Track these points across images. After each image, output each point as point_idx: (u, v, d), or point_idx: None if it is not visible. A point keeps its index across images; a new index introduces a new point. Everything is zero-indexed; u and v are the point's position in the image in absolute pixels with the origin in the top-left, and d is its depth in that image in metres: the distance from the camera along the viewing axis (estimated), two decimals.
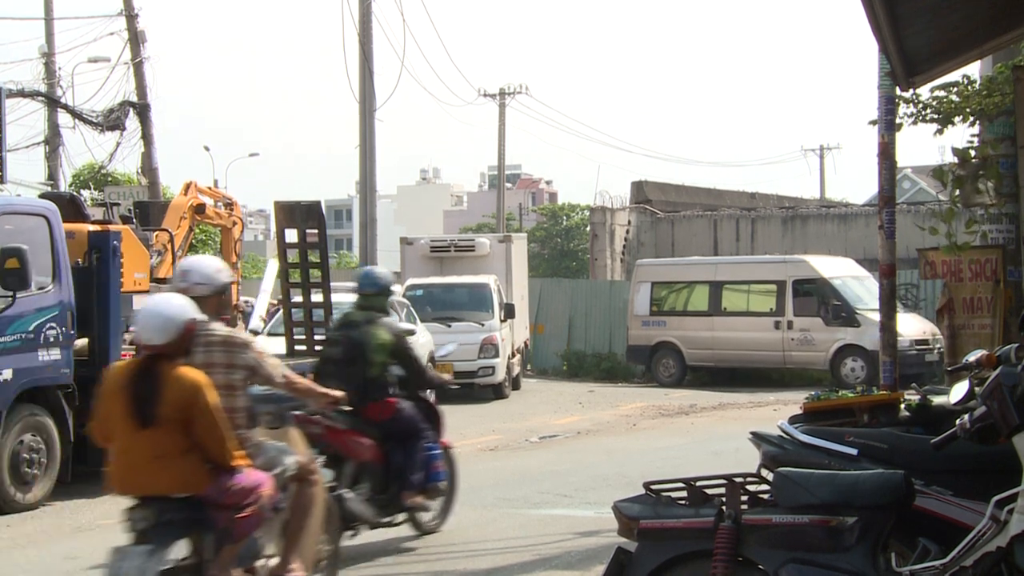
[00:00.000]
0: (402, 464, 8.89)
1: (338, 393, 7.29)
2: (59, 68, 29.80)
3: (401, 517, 9.17)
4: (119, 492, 6.15)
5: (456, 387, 10.29)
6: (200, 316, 6.15)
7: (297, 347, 16.24)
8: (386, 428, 8.81)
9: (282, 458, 6.62)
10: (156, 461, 5.87)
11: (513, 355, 23.75)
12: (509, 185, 72.14)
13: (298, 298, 16.40)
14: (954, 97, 12.07)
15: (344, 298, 20.09)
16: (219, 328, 6.46)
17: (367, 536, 9.02)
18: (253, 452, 6.38)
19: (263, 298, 20.05)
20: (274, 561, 6.62)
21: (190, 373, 5.95)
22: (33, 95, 26.92)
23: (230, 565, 6.16)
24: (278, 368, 6.66)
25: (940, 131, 12.31)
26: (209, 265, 6.69)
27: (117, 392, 5.98)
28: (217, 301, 6.52)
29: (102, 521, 10.72)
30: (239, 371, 6.40)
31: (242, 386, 6.43)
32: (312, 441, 7.74)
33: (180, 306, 6.03)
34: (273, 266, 21.40)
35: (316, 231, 15.90)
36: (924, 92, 11.97)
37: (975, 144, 11.90)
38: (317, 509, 6.90)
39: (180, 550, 6.05)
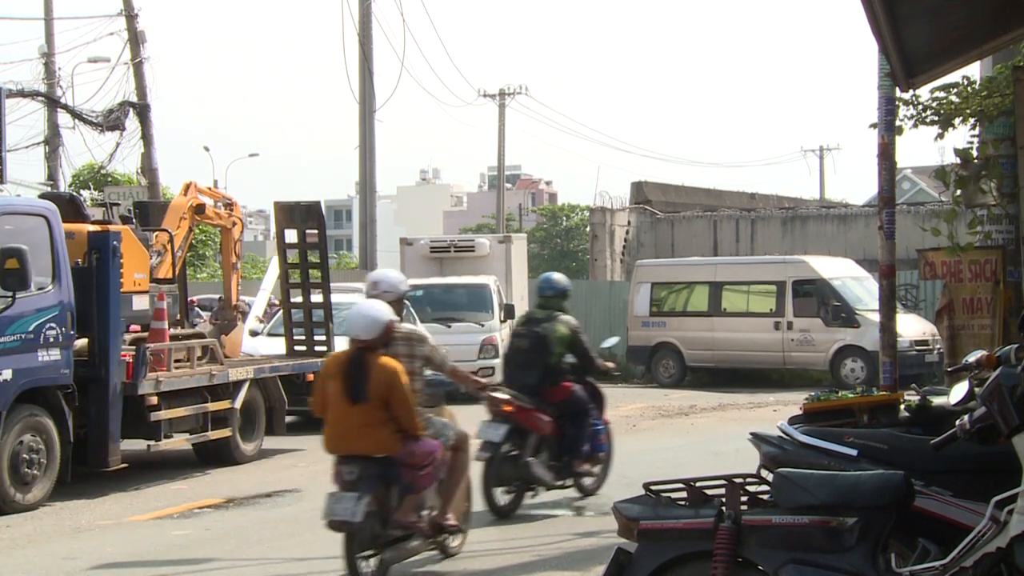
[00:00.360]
0: (574, 437, 10.65)
1: (483, 380, 9.92)
2: (59, 68, 29.82)
3: (570, 481, 10.84)
4: (331, 451, 7.88)
5: (618, 374, 12.02)
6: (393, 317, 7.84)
7: (297, 348, 16.23)
8: (561, 407, 10.53)
9: (446, 431, 8.30)
10: (362, 428, 7.61)
11: None
12: (509, 186, 72.16)
13: (298, 299, 16.38)
14: (954, 98, 12.04)
15: (344, 299, 20.16)
16: (402, 326, 8.21)
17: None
18: (426, 425, 7.97)
19: (262, 296, 20.00)
20: (435, 512, 8.21)
21: (390, 362, 7.66)
22: (33, 95, 26.90)
23: (411, 512, 7.90)
24: (446, 359, 8.59)
25: (941, 135, 12.28)
26: (394, 277, 8.58)
27: (334, 375, 7.75)
28: (399, 305, 8.31)
29: (101, 522, 10.72)
30: (417, 360, 8.24)
31: (420, 372, 8.23)
32: (503, 417, 10.06)
33: (381, 310, 7.80)
34: (276, 266, 21.37)
35: (316, 231, 15.88)
36: (924, 93, 11.95)
37: (976, 144, 11.88)
38: (467, 473, 8.61)
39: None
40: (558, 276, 11.29)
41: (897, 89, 10.11)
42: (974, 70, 12.77)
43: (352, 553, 7.59)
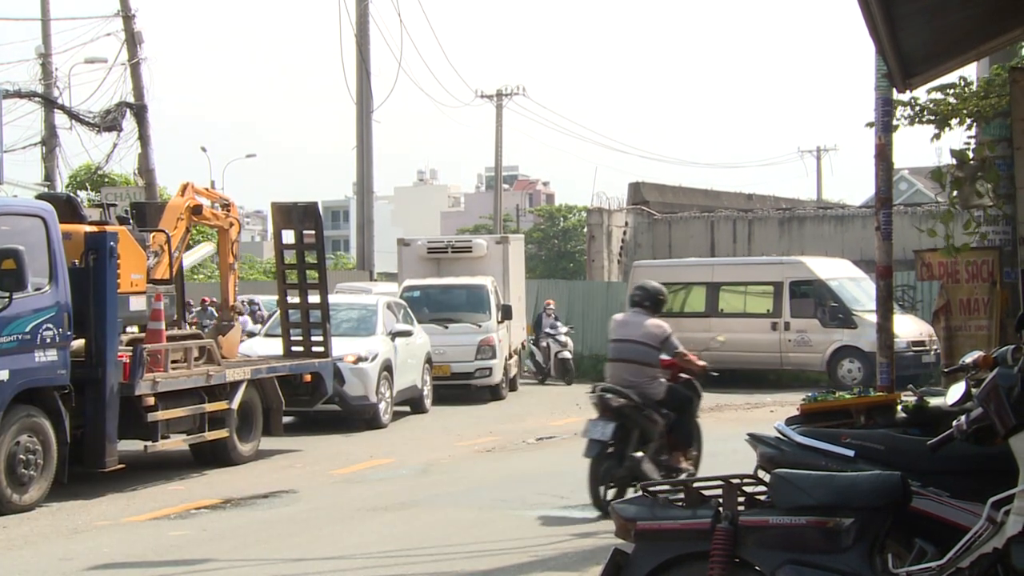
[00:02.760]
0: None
1: None
2: (56, 69, 29.80)
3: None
4: None
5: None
6: None
7: (294, 348, 16.23)
8: None
9: None
10: None
11: (510, 356, 23.75)
12: (506, 186, 72.20)
13: (295, 299, 16.37)
14: (951, 99, 12.04)
15: (340, 299, 20.16)
16: None
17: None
18: None
19: None
20: None
21: None
22: (30, 96, 26.90)
23: None
24: None
25: (937, 135, 12.28)
26: None
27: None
28: None
29: (98, 522, 10.71)
30: None
31: None
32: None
33: None
34: (202, 249, 21.28)
35: (313, 232, 15.88)
36: (921, 94, 11.95)
37: (972, 145, 11.88)
38: None
39: None
40: None
41: (894, 91, 10.11)
42: (971, 71, 12.78)
43: None
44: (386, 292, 23.68)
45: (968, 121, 12.04)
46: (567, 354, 26.23)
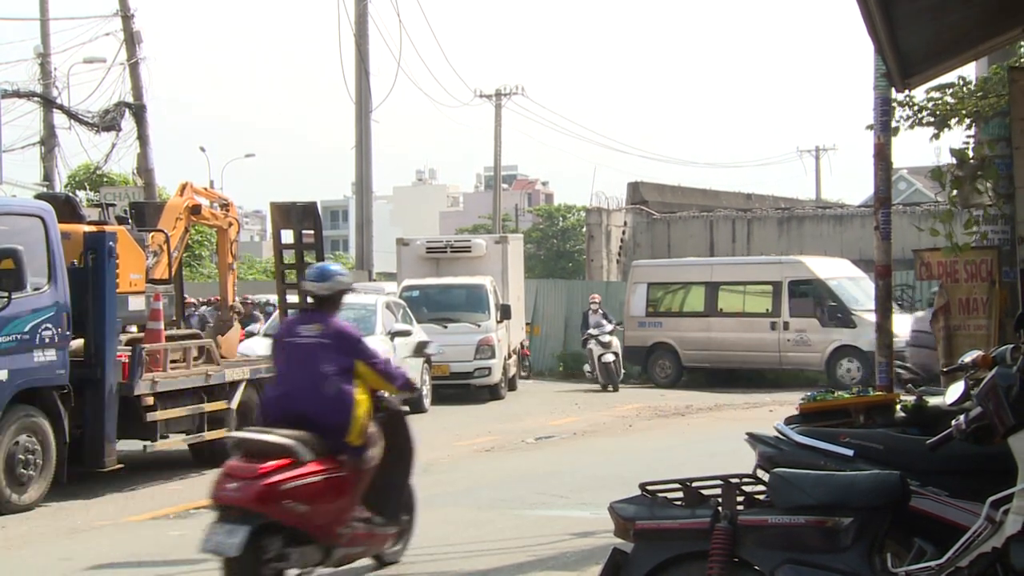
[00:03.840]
0: None
1: None
2: (55, 69, 29.75)
3: None
4: None
5: None
6: None
7: None
8: None
9: None
10: None
11: (509, 356, 23.75)
12: (505, 186, 72.22)
13: (294, 299, 16.37)
14: (949, 99, 12.04)
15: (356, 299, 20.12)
16: None
17: None
18: None
19: None
20: None
21: None
22: (29, 96, 26.89)
23: None
24: None
25: (936, 135, 12.28)
26: None
27: None
28: None
29: (97, 522, 10.71)
30: None
31: None
32: None
33: None
34: None
35: (312, 232, 15.88)
36: (919, 94, 11.95)
37: (972, 144, 11.87)
38: None
39: None
40: None
41: (893, 90, 10.11)
42: (969, 70, 12.78)
43: None
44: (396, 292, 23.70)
45: (967, 121, 12.05)
46: (610, 356, 24.36)
